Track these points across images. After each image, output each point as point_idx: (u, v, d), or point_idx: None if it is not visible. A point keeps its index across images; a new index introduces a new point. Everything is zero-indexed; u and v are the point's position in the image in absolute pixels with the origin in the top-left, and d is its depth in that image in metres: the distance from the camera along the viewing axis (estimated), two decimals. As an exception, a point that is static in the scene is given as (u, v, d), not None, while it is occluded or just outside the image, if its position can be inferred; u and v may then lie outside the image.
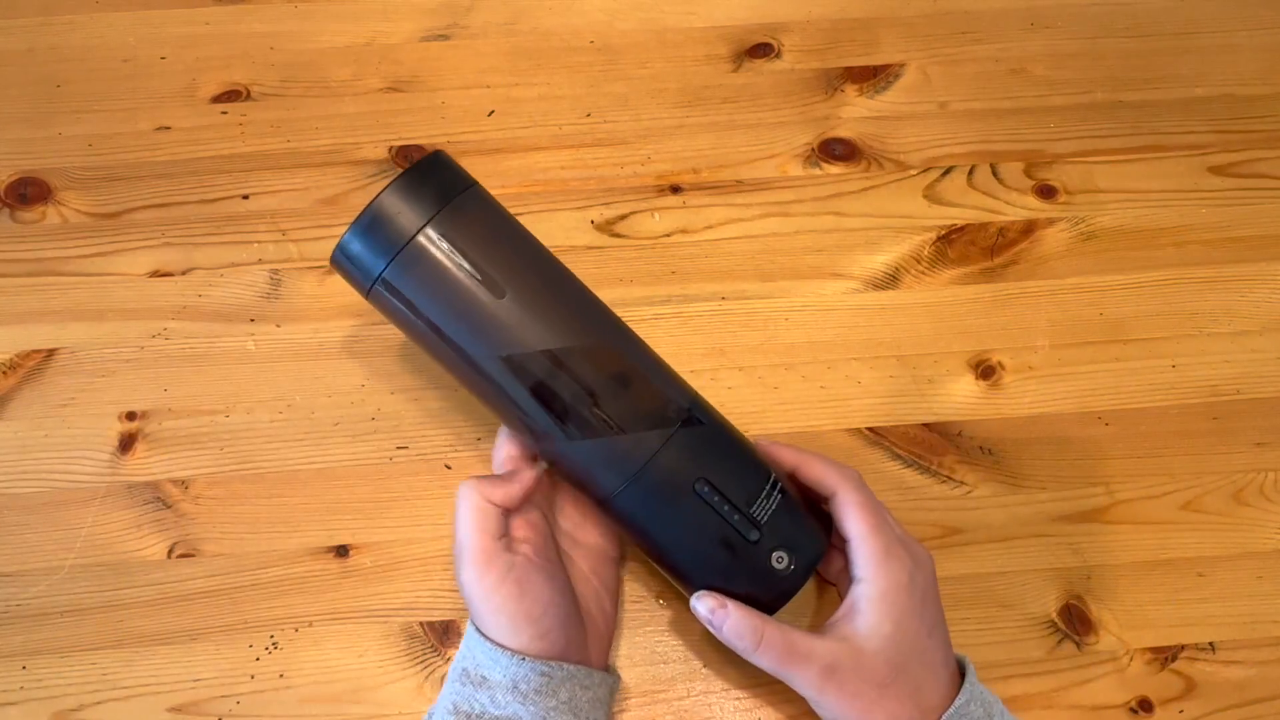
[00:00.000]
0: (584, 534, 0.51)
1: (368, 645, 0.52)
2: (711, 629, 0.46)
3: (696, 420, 0.47)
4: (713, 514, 0.46)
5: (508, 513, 0.47)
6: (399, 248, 0.44)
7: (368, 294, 0.46)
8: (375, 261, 0.45)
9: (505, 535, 0.46)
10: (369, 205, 0.45)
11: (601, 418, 0.45)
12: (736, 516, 0.46)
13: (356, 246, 0.45)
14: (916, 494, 0.56)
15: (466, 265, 0.45)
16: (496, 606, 0.45)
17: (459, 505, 0.46)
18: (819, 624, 0.51)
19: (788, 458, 0.49)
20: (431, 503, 0.55)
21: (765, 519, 0.46)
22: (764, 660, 0.45)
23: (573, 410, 0.45)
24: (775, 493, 0.47)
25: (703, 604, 0.46)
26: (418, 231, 0.44)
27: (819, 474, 0.48)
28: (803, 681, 0.45)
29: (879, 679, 0.44)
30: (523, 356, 0.45)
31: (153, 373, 0.58)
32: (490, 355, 0.45)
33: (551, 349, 0.45)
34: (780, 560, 0.46)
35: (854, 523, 0.46)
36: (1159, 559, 0.55)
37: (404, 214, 0.45)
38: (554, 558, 0.48)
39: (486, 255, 0.45)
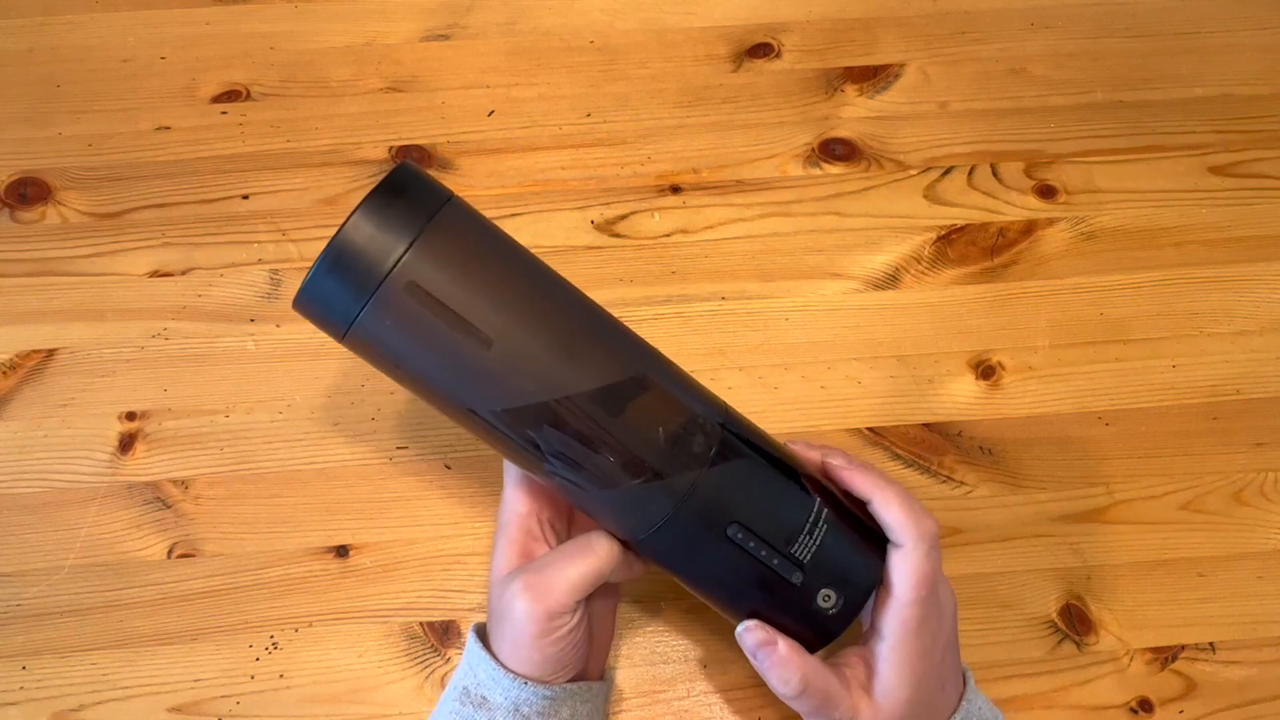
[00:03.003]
0: None
1: (368, 645, 0.52)
2: (753, 661, 0.43)
3: (728, 453, 0.42)
4: (748, 558, 0.41)
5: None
6: (372, 290, 0.38)
7: (343, 340, 0.40)
8: (347, 306, 0.38)
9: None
10: (333, 239, 0.38)
11: (618, 467, 0.40)
12: (776, 560, 0.41)
13: (324, 289, 0.39)
14: (917, 494, 0.55)
15: (446, 309, 0.38)
16: (543, 650, 0.43)
17: (587, 554, 0.43)
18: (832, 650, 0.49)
19: (863, 488, 0.44)
20: (431, 503, 0.55)
21: (809, 558, 0.42)
22: (798, 704, 0.43)
23: (586, 462, 0.40)
24: (821, 524, 0.42)
25: (751, 636, 0.43)
26: (392, 268, 0.38)
27: (894, 520, 0.43)
28: None
29: None
30: (523, 409, 0.39)
31: (153, 373, 0.58)
32: (485, 408, 0.40)
33: (555, 399, 0.39)
34: (827, 599, 0.42)
35: (906, 587, 0.42)
36: (1159, 559, 0.55)
37: (374, 247, 0.38)
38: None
39: (469, 293, 0.39)
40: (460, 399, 0.40)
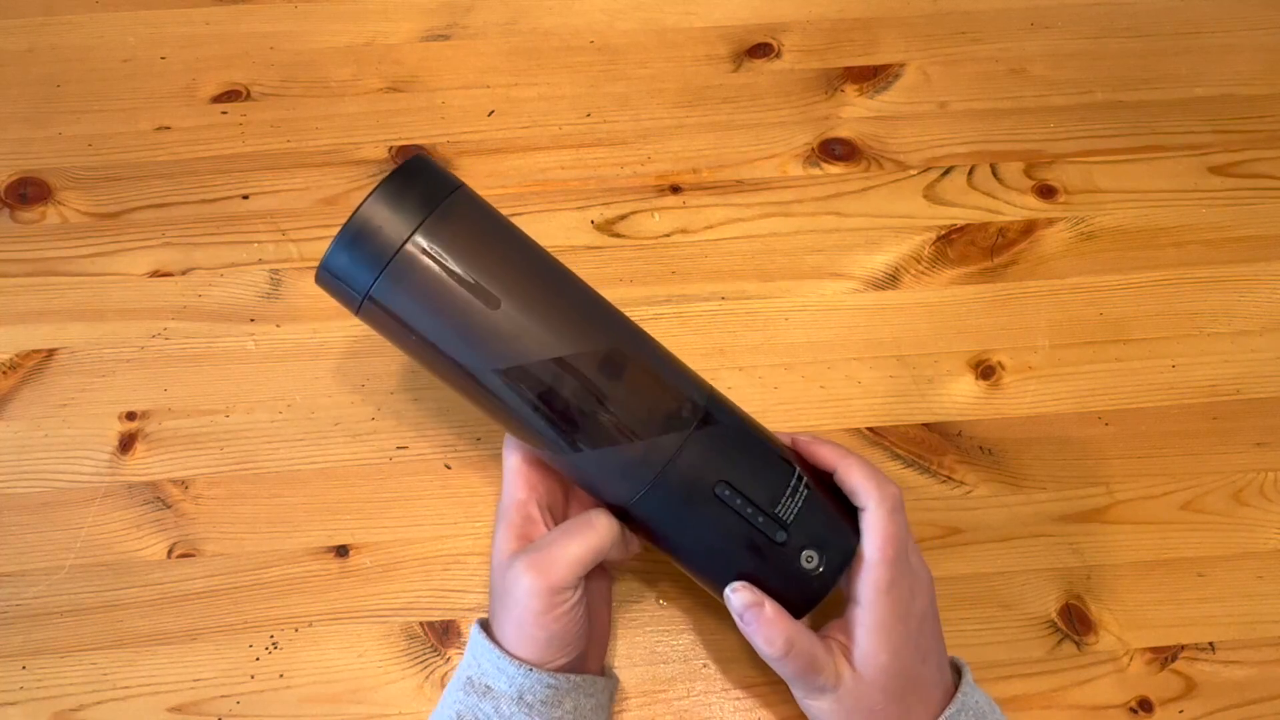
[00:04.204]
0: None
1: (368, 645, 0.52)
2: (740, 623, 0.44)
3: (713, 419, 0.45)
4: (736, 517, 0.44)
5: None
6: (385, 261, 0.42)
7: (358, 311, 0.44)
8: (362, 277, 0.43)
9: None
10: (351, 217, 0.42)
11: (611, 426, 0.43)
12: (761, 518, 0.44)
13: (341, 262, 0.43)
14: (916, 494, 0.56)
15: (458, 274, 0.42)
16: (547, 628, 0.43)
17: (587, 531, 0.44)
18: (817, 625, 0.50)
19: (828, 457, 0.46)
20: (431, 503, 0.55)
21: (792, 518, 0.44)
22: (785, 667, 0.44)
23: (580, 420, 0.43)
24: (801, 489, 0.45)
25: (738, 597, 0.44)
26: (404, 242, 0.42)
27: (857, 484, 0.45)
28: (807, 690, 0.44)
29: (871, 705, 0.43)
30: (523, 368, 0.43)
31: (153, 373, 0.58)
32: (489, 368, 0.43)
33: (554, 358, 0.43)
34: (810, 559, 0.44)
35: (873, 548, 0.44)
36: (1159, 559, 0.55)
37: (389, 224, 0.42)
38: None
39: (478, 262, 0.43)
40: (466, 359, 0.43)
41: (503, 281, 0.43)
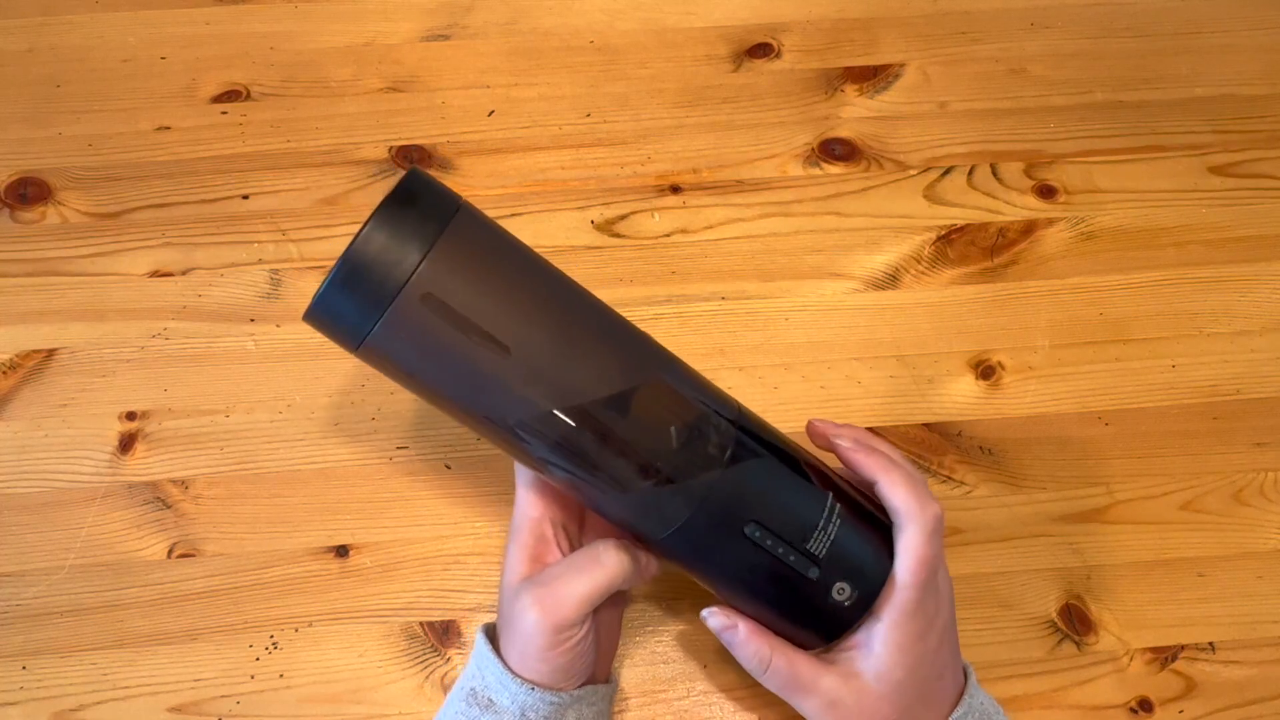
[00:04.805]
0: None
1: (368, 645, 0.52)
2: (724, 644, 0.45)
3: (743, 452, 0.42)
4: (766, 556, 0.42)
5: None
6: (386, 304, 0.37)
7: (356, 353, 0.40)
8: (361, 321, 0.38)
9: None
10: (345, 253, 0.37)
11: (635, 471, 0.41)
12: (793, 557, 0.42)
13: (336, 304, 0.38)
14: (916, 494, 0.56)
15: (465, 319, 0.38)
16: (552, 661, 0.43)
17: (596, 569, 0.43)
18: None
19: (869, 469, 0.44)
20: (431, 503, 0.55)
21: (824, 552, 0.42)
22: (768, 684, 0.44)
23: (602, 468, 0.40)
24: (835, 519, 0.43)
25: (714, 620, 0.44)
26: (406, 281, 0.37)
27: (897, 504, 0.43)
28: (804, 708, 0.44)
29: (882, 717, 0.43)
30: (537, 418, 0.39)
31: (153, 373, 0.58)
32: (499, 418, 0.40)
33: (572, 406, 0.39)
34: (842, 591, 0.43)
35: (905, 571, 0.43)
36: (1159, 559, 0.55)
37: (387, 260, 0.37)
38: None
39: (487, 298, 0.38)
40: (477, 408, 0.40)
41: (513, 321, 0.39)
